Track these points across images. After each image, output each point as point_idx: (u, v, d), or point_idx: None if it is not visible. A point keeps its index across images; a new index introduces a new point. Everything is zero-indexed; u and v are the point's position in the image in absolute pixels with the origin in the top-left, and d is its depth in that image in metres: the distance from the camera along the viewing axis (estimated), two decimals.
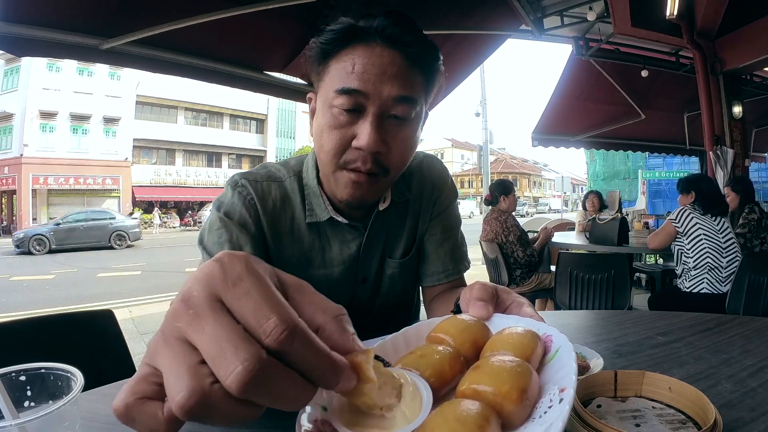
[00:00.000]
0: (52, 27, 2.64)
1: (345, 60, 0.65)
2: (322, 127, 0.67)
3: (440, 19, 3.69)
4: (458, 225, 0.92)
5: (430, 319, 0.47)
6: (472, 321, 0.43)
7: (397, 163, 0.69)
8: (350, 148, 0.66)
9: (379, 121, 0.64)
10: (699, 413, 0.43)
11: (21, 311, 4.99)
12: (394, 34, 0.64)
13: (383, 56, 0.64)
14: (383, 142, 0.65)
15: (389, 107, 0.65)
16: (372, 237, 0.80)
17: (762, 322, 0.82)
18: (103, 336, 0.91)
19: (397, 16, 0.66)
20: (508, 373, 0.32)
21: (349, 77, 0.63)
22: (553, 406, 0.30)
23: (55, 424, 0.32)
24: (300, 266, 0.77)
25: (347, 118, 0.65)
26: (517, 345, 0.37)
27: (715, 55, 3.90)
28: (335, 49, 0.66)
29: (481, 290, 0.48)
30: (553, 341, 0.39)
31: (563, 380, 0.32)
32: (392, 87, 0.63)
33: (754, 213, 2.83)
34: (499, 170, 45.09)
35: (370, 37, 0.65)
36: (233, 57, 3.56)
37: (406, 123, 0.67)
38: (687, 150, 6.35)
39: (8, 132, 20.76)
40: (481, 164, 13.82)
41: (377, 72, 0.63)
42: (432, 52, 0.69)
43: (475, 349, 0.40)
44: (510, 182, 3.48)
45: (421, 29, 0.68)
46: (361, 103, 0.64)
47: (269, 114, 29.68)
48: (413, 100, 0.66)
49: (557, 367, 0.36)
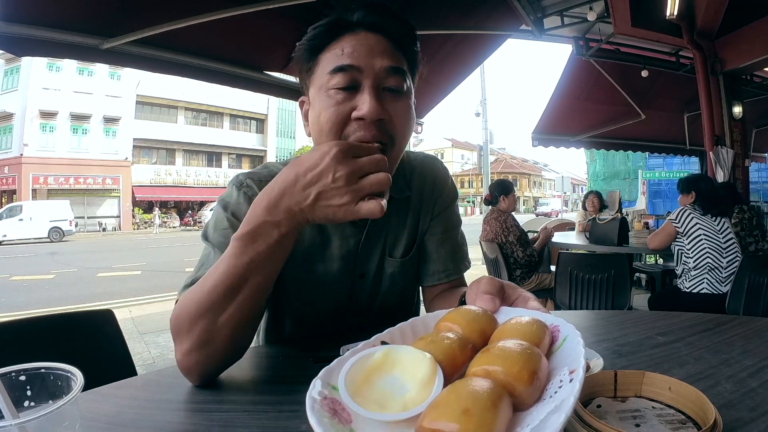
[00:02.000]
0: (53, 27, 2.64)
1: (334, 48, 0.67)
2: (319, 112, 0.67)
3: (440, 19, 3.69)
4: (459, 225, 0.93)
5: (437, 311, 0.47)
6: (480, 311, 0.44)
7: (400, 132, 0.69)
8: (350, 122, 0.66)
9: (377, 91, 0.66)
10: (699, 413, 0.43)
11: (21, 311, 4.99)
12: (376, 22, 0.68)
13: (369, 38, 0.67)
14: (384, 110, 0.66)
15: (383, 79, 0.66)
16: (371, 233, 0.81)
17: (762, 323, 0.82)
18: (103, 336, 0.91)
19: (376, 5, 0.69)
20: (519, 355, 0.32)
21: (341, 58, 0.66)
22: (564, 386, 0.30)
23: (55, 424, 0.32)
24: (301, 262, 0.78)
25: (344, 95, 0.66)
26: (526, 333, 0.37)
27: (715, 55, 3.90)
28: (323, 43, 0.69)
29: (489, 284, 0.49)
30: (560, 331, 0.40)
31: (573, 363, 0.33)
32: (383, 60, 0.66)
33: (745, 212, 2.84)
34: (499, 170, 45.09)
35: (355, 27, 0.68)
36: (233, 57, 3.56)
37: (401, 95, 0.69)
38: (687, 150, 6.36)
39: (8, 132, 20.77)
40: (481, 164, 13.83)
41: (366, 50, 0.66)
42: (411, 35, 0.72)
43: (483, 338, 0.40)
44: (510, 182, 3.48)
45: (399, 14, 0.71)
46: (355, 78, 0.65)
47: (269, 114, 29.68)
48: (403, 71, 0.69)
49: (566, 354, 0.36)
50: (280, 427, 0.48)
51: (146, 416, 0.52)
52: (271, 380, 0.66)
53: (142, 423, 0.50)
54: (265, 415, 0.52)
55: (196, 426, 0.49)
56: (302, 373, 0.64)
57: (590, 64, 4.96)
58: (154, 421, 0.51)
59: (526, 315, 0.42)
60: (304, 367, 0.66)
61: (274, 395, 0.59)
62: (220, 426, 0.49)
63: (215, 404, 0.55)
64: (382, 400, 0.32)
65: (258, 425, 0.49)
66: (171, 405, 0.55)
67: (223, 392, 0.59)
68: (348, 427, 0.31)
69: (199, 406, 0.55)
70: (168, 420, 0.51)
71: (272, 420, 0.50)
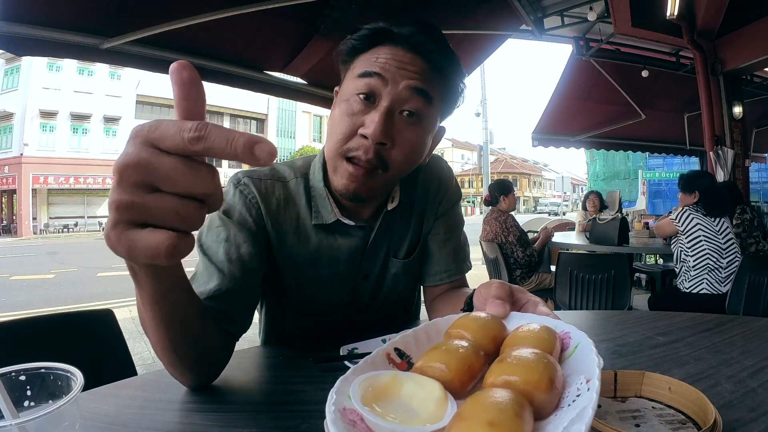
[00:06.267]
0: (53, 26, 2.64)
1: (370, 54, 0.68)
2: (336, 115, 0.69)
3: (440, 19, 3.69)
4: (461, 225, 0.92)
5: (447, 317, 0.47)
6: (490, 318, 0.44)
7: (399, 161, 0.68)
8: (356, 136, 0.66)
9: (389, 113, 0.65)
10: (699, 413, 0.43)
11: (21, 311, 4.99)
12: (420, 42, 0.67)
13: (406, 56, 0.67)
14: (388, 135, 0.65)
15: (403, 100, 0.66)
16: (378, 237, 0.80)
17: (762, 323, 0.82)
18: (103, 336, 0.91)
19: (426, 26, 0.69)
20: (536, 363, 0.32)
21: (372, 64, 0.66)
22: (582, 395, 0.30)
23: (55, 424, 0.32)
24: (307, 266, 0.77)
25: (361, 106, 0.66)
26: (538, 340, 0.37)
27: (715, 56, 3.90)
28: (364, 46, 0.69)
29: (499, 289, 0.49)
30: (572, 338, 0.40)
31: (588, 372, 0.33)
32: (410, 78, 0.66)
33: (746, 213, 2.83)
34: (500, 170, 45.08)
35: (397, 41, 0.68)
36: (233, 57, 3.56)
37: (418, 123, 0.68)
38: (687, 150, 6.35)
39: (8, 131, 20.77)
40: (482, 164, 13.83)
41: (398, 64, 0.66)
42: (454, 65, 0.70)
43: (494, 345, 0.40)
44: (509, 182, 3.48)
45: (446, 41, 0.70)
46: (376, 90, 0.65)
47: (269, 114, 29.68)
48: (428, 95, 0.67)
49: (579, 361, 0.36)
50: (280, 427, 0.48)
51: (146, 416, 0.52)
52: (271, 380, 0.66)
53: (142, 423, 0.50)
54: (265, 415, 0.52)
55: (196, 426, 0.49)
56: (302, 373, 0.65)
57: (590, 64, 4.96)
58: (154, 421, 0.51)
59: (536, 322, 0.42)
60: (304, 367, 0.66)
61: (274, 395, 0.59)
62: (220, 426, 0.49)
63: (215, 404, 0.55)
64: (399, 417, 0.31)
65: (258, 425, 0.49)
66: (171, 405, 0.55)
67: (223, 392, 0.59)
68: None
69: (199, 406, 0.55)
70: (168, 420, 0.51)
71: (272, 420, 0.50)
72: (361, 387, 0.33)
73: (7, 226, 21.10)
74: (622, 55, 4.91)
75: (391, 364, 0.40)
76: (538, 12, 4.33)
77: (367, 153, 0.65)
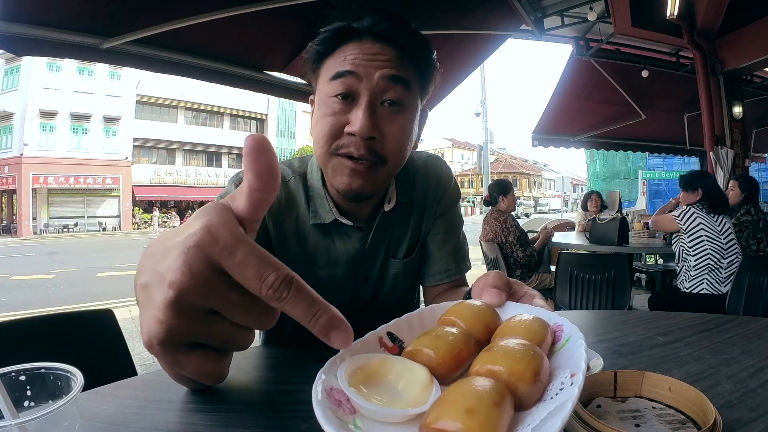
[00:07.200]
0: (53, 26, 2.64)
1: (338, 55, 0.67)
2: (317, 119, 0.68)
3: (440, 19, 3.69)
4: (461, 225, 0.92)
5: (443, 303, 0.47)
6: (484, 306, 0.44)
7: (393, 151, 0.68)
8: (343, 135, 0.66)
9: (371, 107, 0.65)
10: (699, 413, 0.43)
11: (21, 311, 4.99)
12: (383, 30, 0.67)
13: (374, 47, 0.66)
14: (376, 128, 0.65)
15: (382, 90, 0.65)
16: (376, 238, 0.80)
17: (762, 323, 0.82)
18: (103, 336, 0.91)
19: (386, 13, 0.68)
20: (522, 355, 0.32)
21: (341, 64, 0.66)
22: (565, 389, 0.31)
23: (55, 424, 0.32)
24: (304, 266, 0.77)
25: (341, 105, 0.65)
26: (529, 331, 0.37)
27: (715, 56, 3.90)
28: (329, 49, 0.68)
29: (496, 278, 0.49)
30: (563, 331, 0.39)
31: (574, 366, 0.33)
32: (384, 69, 0.65)
33: (749, 215, 2.82)
34: (499, 170, 45.07)
35: (361, 36, 0.67)
36: (233, 57, 3.56)
37: (401, 110, 0.67)
38: (687, 150, 6.36)
39: (8, 131, 20.75)
40: (482, 164, 13.83)
41: (367, 58, 0.65)
42: (423, 45, 0.70)
43: (486, 332, 0.40)
44: (509, 182, 3.48)
45: (409, 24, 0.69)
46: (354, 88, 0.65)
47: (269, 114, 29.67)
48: (405, 81, 0.67)
49: (568, 354, 0.36)
50: (280, 427, 0.48)
51: (146, 416, 0.52)
52: (271, 380, 0.66)
53: (142, 423, 0.50)
54: (265, 415, 0.52)
55: (196, 426, 0.49)
56: (302, 373, 0.64)
57: (590, 64, 4.96)
58: (154, 421, 0.51)
59: (529, 313, 0.42)
60: (304, 367, 0.66)
61: (274, 395, 0.59)
62: (220, 426, 0.49)
63: (215, 404, 0.55)
64: (384, 399, 0.32)
65: (258, 425, 0.49)
66: (171, 405, 0.55)
67: (223, 392, 0.59)
68: (352, 418, 0.31)
69: (199, 406, 0.55)
70: (168, 420, 0.51)
71: (272, 420, 0.50)
72: (350, 368, 0.34)
73: (7, 226, 21.10)
74: (622, 55, 4.91)
75: (382, 347, 0.41)
76: (538, 12, 4.33)
77: (359, 149, 0.65)
